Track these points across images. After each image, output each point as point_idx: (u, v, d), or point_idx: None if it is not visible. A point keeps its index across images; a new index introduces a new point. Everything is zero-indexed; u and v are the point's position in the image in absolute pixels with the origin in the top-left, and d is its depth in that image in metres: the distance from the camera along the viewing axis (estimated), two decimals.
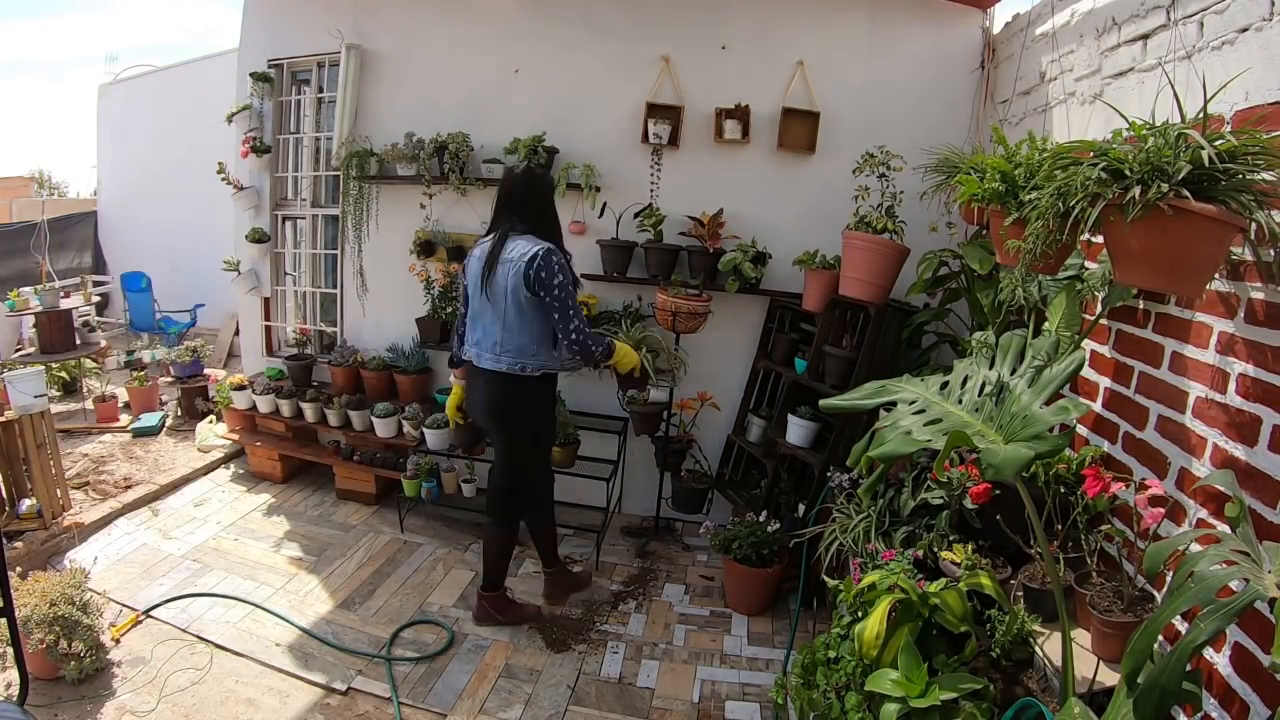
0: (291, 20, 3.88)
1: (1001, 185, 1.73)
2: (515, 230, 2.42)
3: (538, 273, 2.31)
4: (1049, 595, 1.69)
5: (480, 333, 2.48)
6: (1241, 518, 1.15)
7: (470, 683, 2.45)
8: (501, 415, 2.53)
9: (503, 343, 2.42)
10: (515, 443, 2.62)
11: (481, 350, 2.48)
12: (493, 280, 2.39)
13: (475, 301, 2.48)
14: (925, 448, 1.37)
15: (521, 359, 2.43)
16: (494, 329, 2.43)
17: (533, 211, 2.47)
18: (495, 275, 2.38)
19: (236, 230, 4.15)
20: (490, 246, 2.42)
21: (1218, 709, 1.39)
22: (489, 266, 2.40)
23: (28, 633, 2.20)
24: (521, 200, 2.46)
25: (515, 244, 2.38)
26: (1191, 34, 1.68)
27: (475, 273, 2.45)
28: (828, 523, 2.41)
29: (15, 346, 5.35)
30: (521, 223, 2.43)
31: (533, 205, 2.47)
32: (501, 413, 2.52)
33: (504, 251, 2.38)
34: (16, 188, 10.99)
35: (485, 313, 2.45)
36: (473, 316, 2.51)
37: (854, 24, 3.28)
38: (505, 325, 2.41)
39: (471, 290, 2.49)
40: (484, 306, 2.44)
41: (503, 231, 2.42)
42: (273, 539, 3.34)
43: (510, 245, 2.39)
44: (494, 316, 2.42)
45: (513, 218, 2.44)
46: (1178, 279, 1.33)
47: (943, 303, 2.91)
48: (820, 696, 1.74)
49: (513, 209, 2.45)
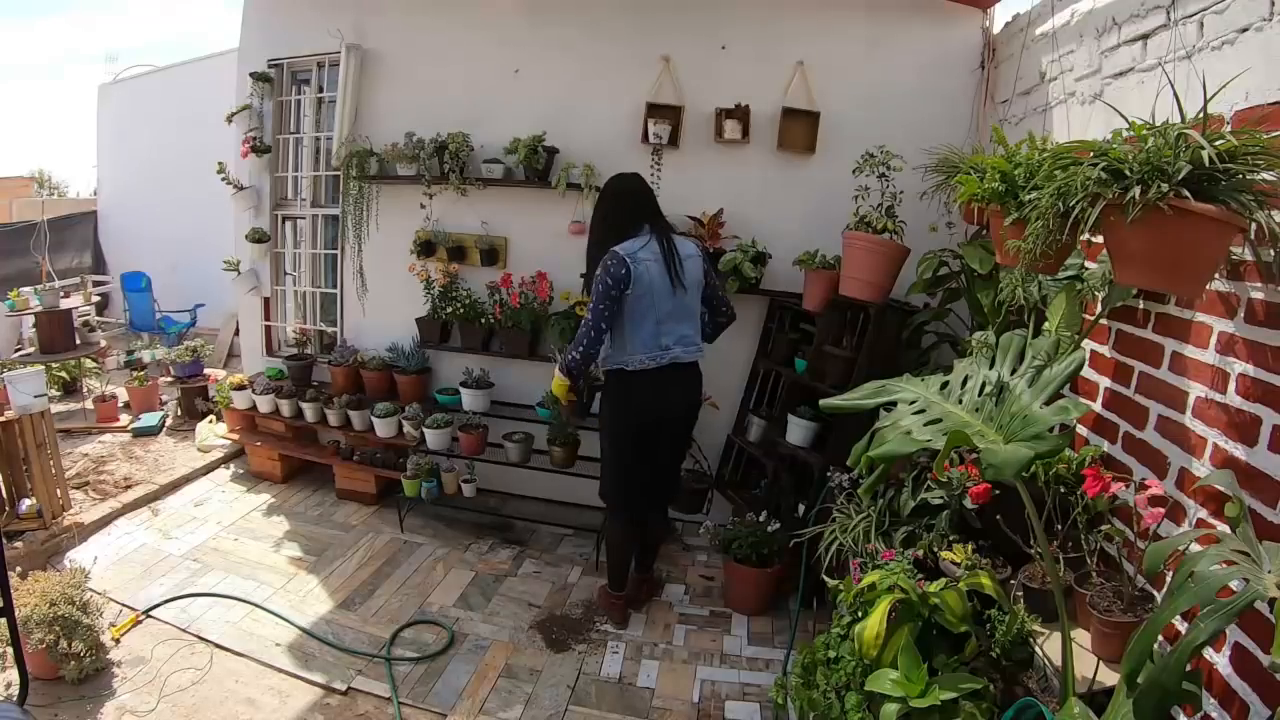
0: (291, 20, 3.88)
1: (1001, 185, 1.73)
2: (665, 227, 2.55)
3: (708, 261, 2.63)
4: (1049, 595, 1.69)
5: (675, 330, 2.51)
6: (1241, 518, 1.15)
7: (470, 682, 2.45)
8: (697, 396, 2.70)
9: (699, 332, 2.61)
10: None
11: (684, 346, 2.54)
12: (684, 275, 2.48)
13: (665, 301, 2.46)
14: (925, 448, 1.37)
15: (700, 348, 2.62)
16: (687, 323, 2.54)
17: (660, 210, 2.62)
18: (686, 270, 2.49)
19: (236, 230, 4.15)
20: (662, 245, 2.47)
21: (1218, 709, 1.39)
22: (675, 263, 2.46)
23: (28, 633, 2.20)
24: (653, 199, 2.61)
25: (680, 241, 2.56)
26: (1191, 34, 1.68)
27: (660, 273, 2.45)
28: (828, 523, 2.40)
29: (15, 346, 5.35)
30: (663, 220, 2.58)
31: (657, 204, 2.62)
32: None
33: (679, 248, 2.51)
34: (16, 188, 11.00)
35: (676, 311, 2.50)
36: (661, 318, 2.47)
37: (854, 24, 3.28)
38: (694, 317, 2.57)
39: (660, 291, 2.45)
40: (675, 305, 2.49)
41: (661, 231, 2.52)
42: (273, 539, 3.34)
43: (679, 243, 2.54)
44: (684, 312, 2.53)
45: (658, 217, 2.56)
46: (1178, 279, 1.33)
47: (943, 303, 2.91)
48: (820, 696, 1.74)
49: (655, 209, 2.58)
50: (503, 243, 3.70)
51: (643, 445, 2.62)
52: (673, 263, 2.46)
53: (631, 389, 2.54)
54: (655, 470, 2.72)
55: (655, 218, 2.54)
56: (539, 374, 3.68)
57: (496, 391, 3.68)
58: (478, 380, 3.64)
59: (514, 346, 3.62)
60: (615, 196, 2.57)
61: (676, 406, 2.62)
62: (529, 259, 3.67)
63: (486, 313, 3.66)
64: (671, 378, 2.54)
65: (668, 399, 2.58)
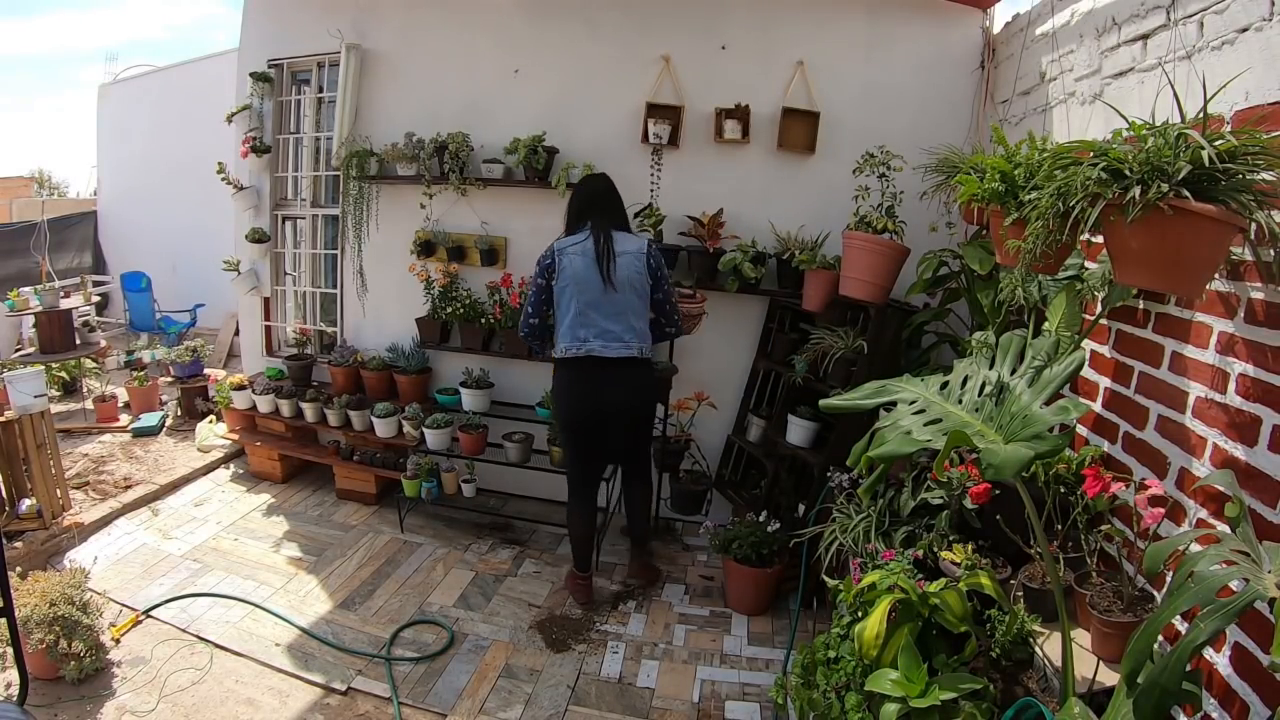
0: (291, 20, 3.88)
1: (1001, 185, 1.73)
2: (613, 227, 2.64)
3: (657, 262, 2.66)
4: (1049, 595, 1.69)
5: (597, 324, 2.57)
6: (1241, 518, 1.15)
7: (470, 683, 2.45)
8: (645, 397, 2.76)
9: (633, 330, 2.61)
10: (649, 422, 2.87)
11: (605, 341, 2.57)
12: (615, 271, 2.55)
13: (588, 294, 2.54)
14: (925, 448, 1.37)
15: (645, 343, 2.65)
16: (614, 319, 2.58)
17: (618, 210, 2.72)
18: (618, 266, 2.55)
19: (236, 230, 4.15)
20: (598, 242, 2.57)
21: (1218, 709, 1.39)
22: (608, 259, 2.54)
23: (28, 633, 2.20)
24: (607, 199, 2.70)
25: (622, 238, 2.63)
26: (1191, 34, 1.68)
27: (585, 266, 2.55)
28: (828, 523, 2.41)
29: (15, 346, 5.35)
30: (611, 220, 2.66)
31: (618, 205, 2.72)
32: (645, 394, 2.76)
33: (615, 245, 2.59)
34: (16, 188, 11.00)
35: (604, 304, 2.56)
36: (581, 310, 2.56)
37: (854, 24, 3.28)
38: (633, 313, 2.60)
39: (584, 284, 2.55)
40: (603, 299, 2.55)
41: (603, 228, 2.61)
42: (273, 539, 3.34)
43: (619, 239, 2.61)
44: (611, 307, 2.57)
45: (603, 216, 2.65)
46: (1178, 279, 1.33)
47: (943, 303, 2.91)
48: (820, 696, 1.74)
49: (603, 208, 2.67)
50: (502, 243, 3.70)
51: (581, 433, 2.72)
52: (604, 259, 2.54)
53: (561, 377, 2.69)
54: (607, 454, 2.86)
55: (600, 215, 2.63)
56: (539, 374, 3.69)
57: (496, 391, 3.68)
58: (478, 380, 3.64)
59: (514, 346, 3.62)
60: (573, 196, 2.75)
61: (612, 402, 2.64)
62: (529, 259, 3.65)
63: (486, 313, 3.66)
64: (600, 372, 2.60)
65: (599, 392, 2.63)
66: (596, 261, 2.55)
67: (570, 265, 2.56)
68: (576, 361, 2.59)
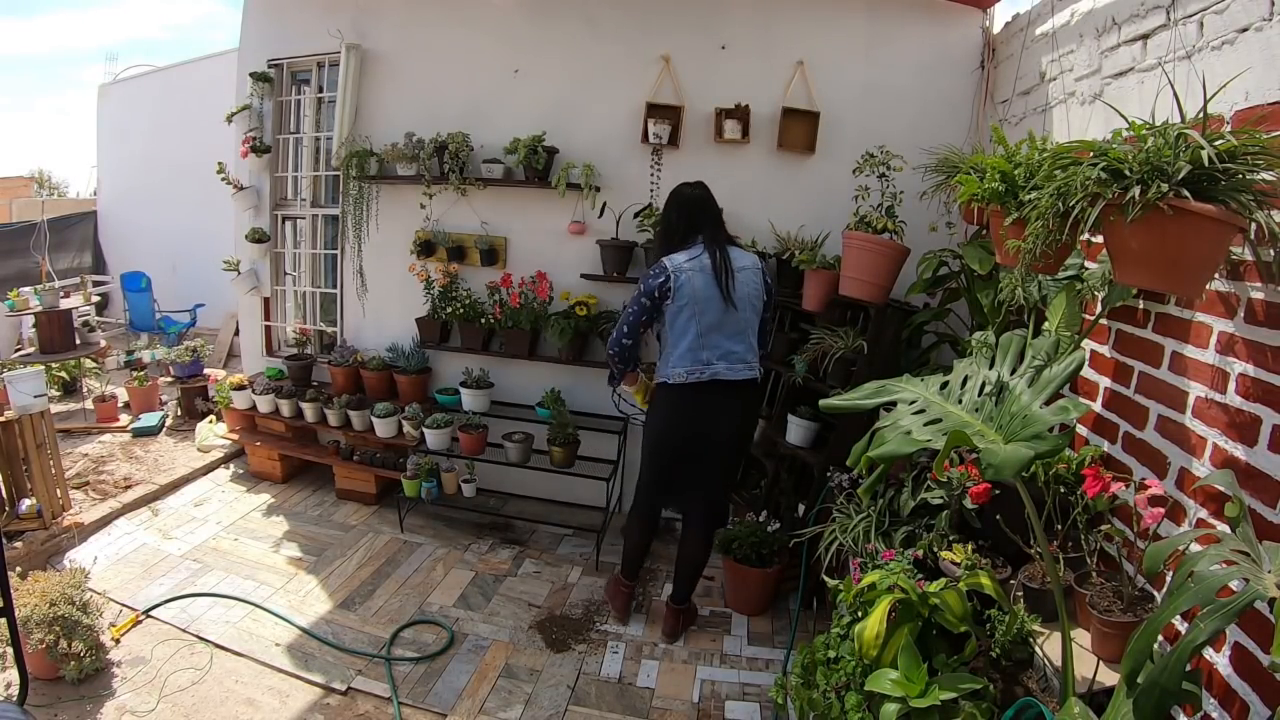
0: (291, 20, 3.88)
1: (1001, 185, 1.73)
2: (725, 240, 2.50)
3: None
4: (1049, 595, 1.69)
5: (720, 345, 2.41)
6: (1241, 518, 1.15)
7: (470, 683, 2.45)
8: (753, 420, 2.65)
9: (753, 351, 2.49)
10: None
11: (729, 364, 2.42)
12: (735, 289, 2.39)
13: (711, 314, 2.38)
14: (925, 448, 1.37)
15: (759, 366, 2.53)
16: (737, 339, 2.43)
17: (722, 222, 2.56)
18: (737, 283, 2.40)
19: (236, 230, 4.15)
20: (714, 257, 2.40)
21: (1218, 709, 1.39)
22: (727, 275, 2.38)
23: (28, 633, 2.20)
24: (714, 209, 2.53)
25: (737, 254, 2.48)
26: (1191, 34, 1.68)
27: (706, 285, 2.37)
28: (828, 523, 2.41)
29: (15, 346, 5.35)
30: (723, 232, 2.53)
31: (720, 215, 2.56)
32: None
33: (733, 261, 2.43)
34: (16, 188, 11.00)
35: (724, 325, 2.40)
36: (703, 331, 2.39)
37: (854, 24, 3.28)
38: (752, 332, 2.48)
39: (706, 303, 2.37)
40: (723, 319, 2.39)
41: (719, 243, 2.45)
42: (272, 539, 3.34)
43: (734, 255, 2.46)
44: (734, 327, 2.42)
45: (716, 229, 2.50)
46: (1178, 279, 1.33)
47: (943, 303, 2.91)
48: (820, 696, 1.74)
49: (715, 220, 2.51)
50: (502, 243, 3.70)
51: (674, 459, 2.55)
52: (723, 275, 2.37)
53: (672, 402, 2.48)
54: (689, 485, 2.61)
55: (713, 227, 2.48)
56: (539, 374, 3.69)
57: (496, 391, 3.69)
58: (478, 380, 3.64)
59: (514, 346, 3.62)
60: (676, 206, 2.54)
61: (720, 428, 2.49)
62: (529, 259, 3.68)
63: (486, 313, 3.66)
64: (716, 396, 2.44)
65: (708, 418, 2.47)
66: (715, 279, 2.37)
67: (690, 284, 2.36)
68: (697, 385, 2.41)
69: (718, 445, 2.52)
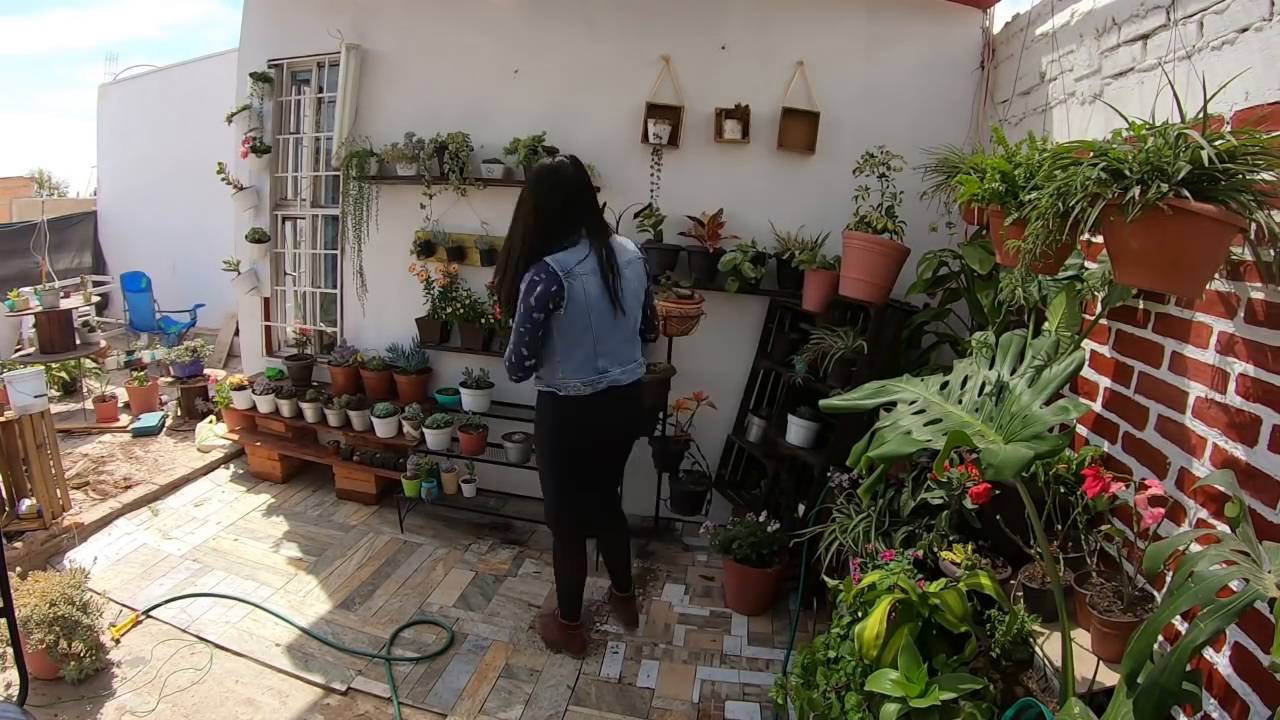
0: (291, 20, 3.88)
1: (1001, 185, 1.73)
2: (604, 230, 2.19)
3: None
4: (1049, 595, 1.69)
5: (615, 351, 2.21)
6: (1241, 518, 1.15)
7: (470, 683, 2.45)
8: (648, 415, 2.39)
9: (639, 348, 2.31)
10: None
11: (623, 367, 2.25)
12: (623, 291, 2.16)
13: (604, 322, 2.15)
14: (925, 448, 1.37)
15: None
16: (628, 343, 2.26)
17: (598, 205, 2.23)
18: (625, 283, 2.16)
19: (236, 230, 4.15)
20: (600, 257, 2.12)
21: (1218, 709, 1.39)
22: (615, 276, 2.11)
23: (28, 633, 2.20)
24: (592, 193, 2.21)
25: (619, 245, 2.22)
26: (1191, 34, 1.68)
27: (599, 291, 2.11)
28: (828, 523, 2.41)
29: (15, 346, 5.35)
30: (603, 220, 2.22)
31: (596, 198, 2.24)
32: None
33: (618, 257, 2.16)
34: (16, 188, 11.00)
35: (616, 330, 2.19)
36: (598, 339, 2.16)
37: (854, 24, 3.28)
38: (635, 333, 2.28)
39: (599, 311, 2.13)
40: (614, 324, 2.17)
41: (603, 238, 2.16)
42: (273, 539, 3.34)
43: (618, 249, 2.19)
44: (624, 330, 2.22)
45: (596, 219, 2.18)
46: (1178, 279, 1.33)
47: (943, 303, 2.91)
48: (820, 696, 1.74)
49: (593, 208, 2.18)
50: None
51: (579, 469, 2.37)
52: (610, 277, 2.11)
53: (564, 413, 2.26)
54: (595, 487, 2.50)
55: (594, 218, 2.17)
56: None
57: (496, 391, 3.69)
58: (478, 380, 3.64)
59: None
60: (550, 190, 2.13)
61: (616, 430, 2.37)
62: None
63: (486, 313, 3.66)
64: (611, 401, 2.25)
65: (606, 424, 2.31)
66: (604, 283, 2.12)
67: (584, 291, 2.09)
68: (592, 395, 2.22)
69: (615, 447, 2.43)
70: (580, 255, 2.12)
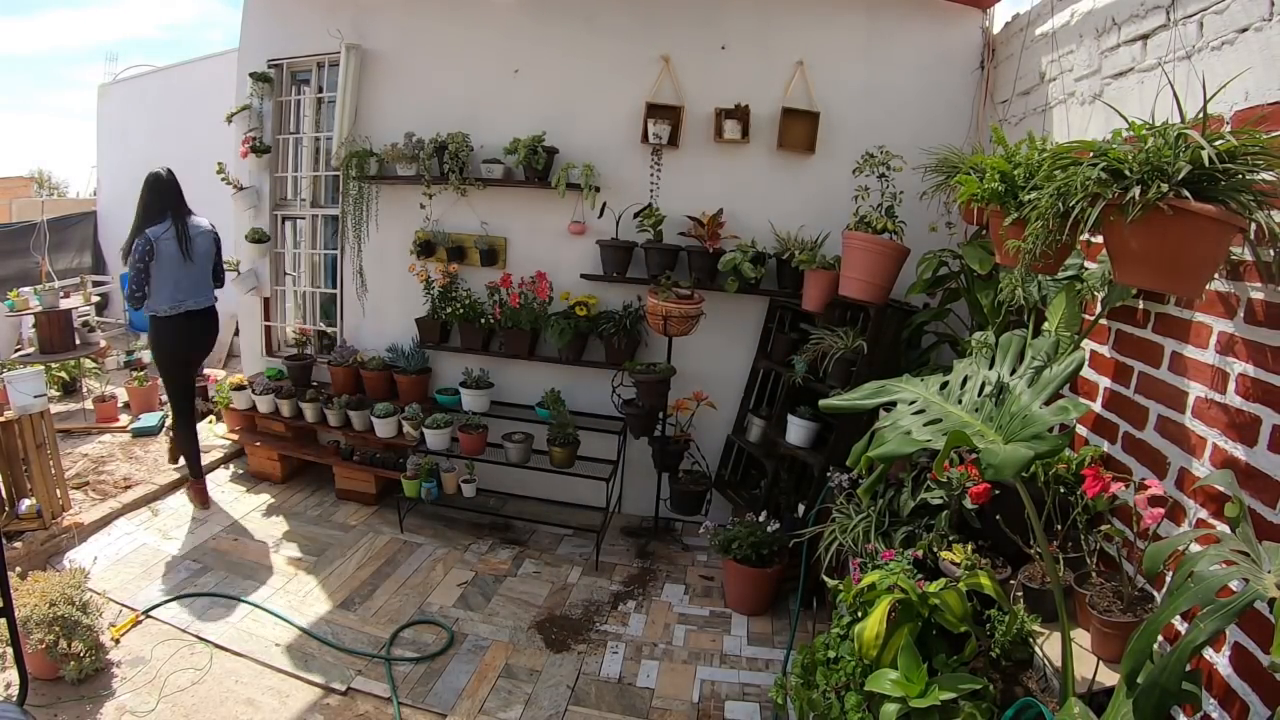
0: (291, 20, 3.88)
1: (1001, 185, 1.73)
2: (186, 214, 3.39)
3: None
4: (1049, 595, 1.69)
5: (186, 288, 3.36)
6: (1241, 518, 1.15)
7: (470, 683, 2.45)
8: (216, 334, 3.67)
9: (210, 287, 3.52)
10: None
11: (195, 299, 3.42)
12: (193, 250, 3.35)
13: (179, 269, 3.31)
14: (925, 448, 1.37)
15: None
16: (199, 284, 3.43)
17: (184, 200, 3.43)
18: (195, 246, 3.36)
19: (236, 230, 4.15)
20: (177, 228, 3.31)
21: (1217, 709, 1.39)
22: (185, 242, 3.33)
23: (27, 633, 2.20)
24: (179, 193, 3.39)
25: (194, 223, 3.40)
26: (1191, 34, 1.68)
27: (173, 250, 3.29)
28: (827, 523, 2.41)
29: (15, 346, 5.34)
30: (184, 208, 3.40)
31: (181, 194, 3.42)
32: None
33: (190, 229, 3.37)
34: (16, 188, 10.99)
35: (188, 275, 3.36)
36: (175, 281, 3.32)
37: (854, 24, 3.28)
38: (205, 278, 3.48)
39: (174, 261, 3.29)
40: (185, 270, 3.34)
41: (182, 216, 3.35)
42: (272, 539, 3.34)
43: (192, 225, 3.39)
44: (195, 275, 3.40)
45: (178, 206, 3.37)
46: (1177, 279, 1.33)
47: (943, 303, 2.91)
48: (820, 696, 1.74)
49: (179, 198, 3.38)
50: (502, 243, 3.70)
51: (178, 366, 3.54)
52: (184, 242, 3.32)
53: (164, 328, 3.40)
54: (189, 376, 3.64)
55: (177, 206, 3.35)
56: (539, 374, 3.69)
57: (496, 391, 3.69)
58: (478, 380, 3.64)
59: (514, 346, 3.62)
60: (151, 191, 3.32)
61: (198, 339, 3.55)
62: (528, 259, 3.68)
63: (486, 313, 3.66)
64: (191, 320, 3.42)
65: (190, 335, 3.48)
66: (179, 244, 3.29)
67: (166, 249, 3.27)
68: (175, 315, 3.35)
69: (198, 349, 3.60)
70: (165, 228, 3.31)
